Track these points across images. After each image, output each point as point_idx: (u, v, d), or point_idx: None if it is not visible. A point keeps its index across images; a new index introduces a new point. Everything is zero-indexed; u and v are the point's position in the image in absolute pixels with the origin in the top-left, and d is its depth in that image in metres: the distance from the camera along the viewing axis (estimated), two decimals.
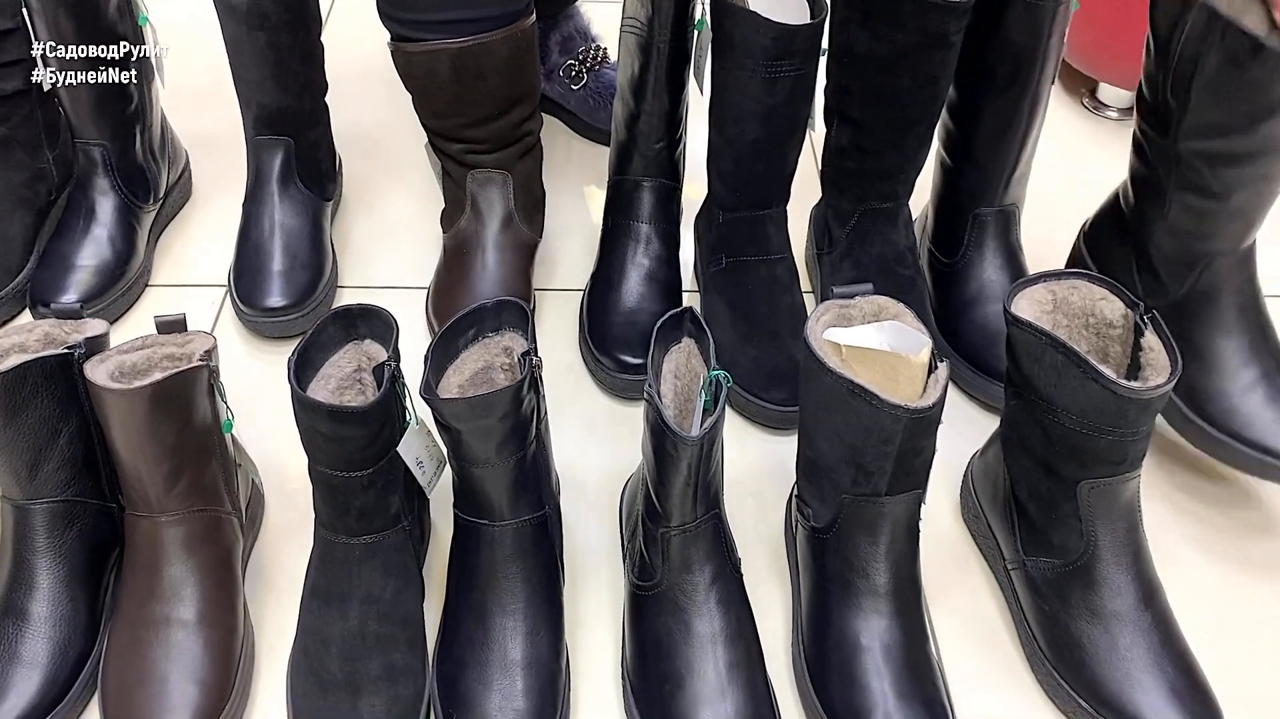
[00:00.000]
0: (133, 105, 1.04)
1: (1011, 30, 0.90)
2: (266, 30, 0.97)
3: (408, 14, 0.92)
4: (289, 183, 1.04)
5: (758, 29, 0.87)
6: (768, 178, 0.97)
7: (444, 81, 0.94)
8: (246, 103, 1.03)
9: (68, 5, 0.95)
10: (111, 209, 1.04)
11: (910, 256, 1.00)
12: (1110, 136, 1.34)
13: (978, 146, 0.96)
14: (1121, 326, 0.75)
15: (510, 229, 1.02)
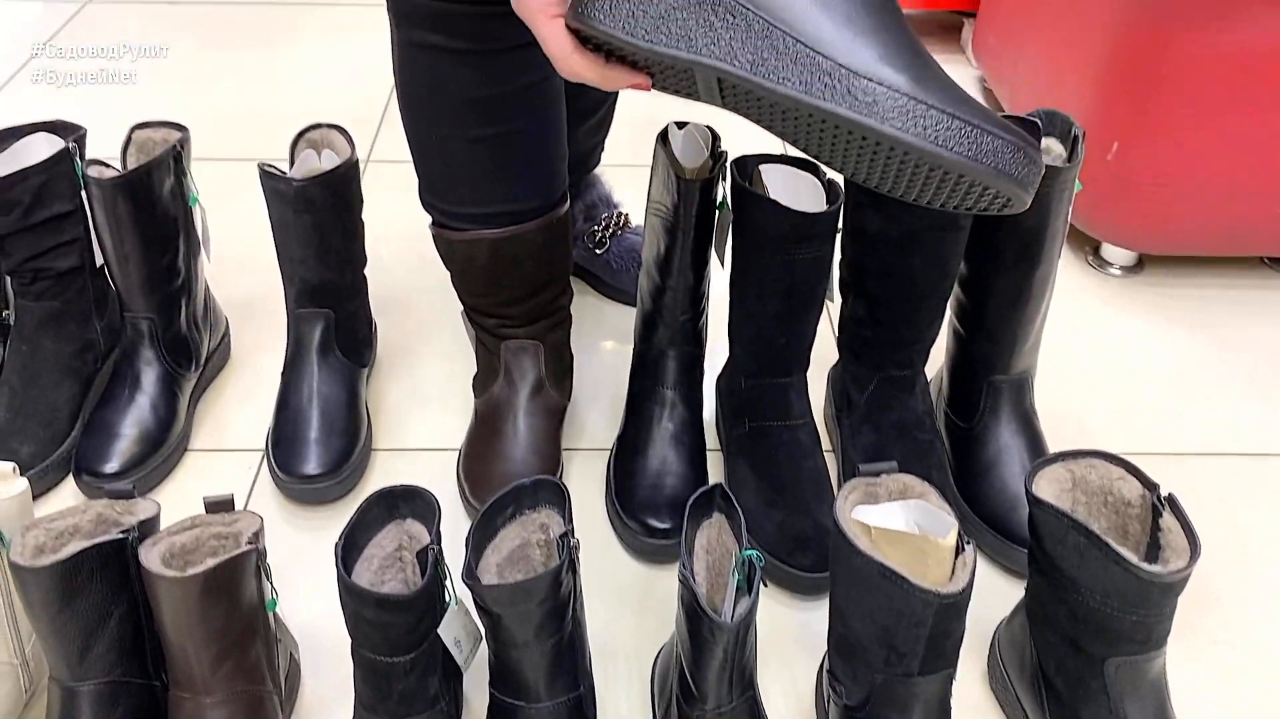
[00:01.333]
0: (180, 280, 1.09)
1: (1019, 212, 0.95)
2: (312, 213, 1.02)
3: (449, 206, 0.98)
4: (328, 352, 1.08)
5: (777, 216, 0.92)
6: (788, 348, 1.01)
7: (482, 266, 0.99)
8: (289, 278, 1.08)
9: (124, 189, 1.01)
10: (155, 378, 1.08)
11: (928, 421, 1.04)
12: (1114, 294, 1.39)
13: (990, 319, 1.00)
14: (1139, 506, 0.77)
15: (541, 395, 1.06)
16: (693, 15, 0.64)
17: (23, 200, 1.00)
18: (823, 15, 0.63)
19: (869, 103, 0.62)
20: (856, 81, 0.62)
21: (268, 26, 2.01)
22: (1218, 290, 1.39)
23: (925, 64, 0.64)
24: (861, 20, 0.63)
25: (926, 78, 0.63)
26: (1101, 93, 1.32)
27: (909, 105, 0.61)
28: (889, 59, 0.62)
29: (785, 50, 0.63)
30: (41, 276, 1.05)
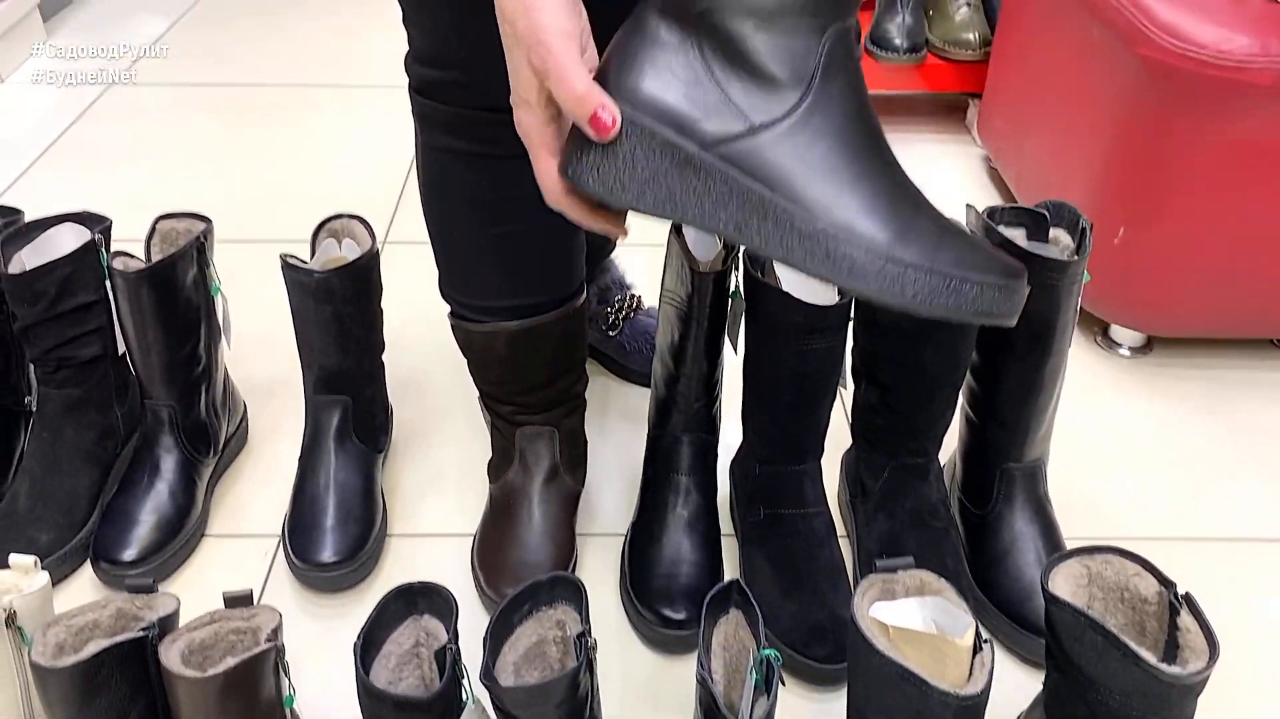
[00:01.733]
0: (200, 368, 1.10)
1: (1029, 303, 0.96)
2: (333, 303, 1.04)
3: (468, 299, 0.99)
4: (345, 439, 1.09)
5: (789, 308, 0.93)
6: (802, 436, 1.02)
7: (500, 356, 1.00)
8: (308, 365, 1.09)
9: (149, 281, 1.03)
10: (174, 465, 1.09)
11: (943, 509, 1.04)
12: (1123, 374, 1.39)
13: (1002, 408, 1.01)
14: (1156, 603, 0.77)
15: (555, 482, 1.07)
16: (677, 179, 0.65)
17: (49, 291, 1.02)
18: (804, 172, 0.64)
19: (848, 267, 0.63)
20: (836, 245, 0.63)
21: (288, 108, 2.05)
22: (1228, 372, 1.40)
23: (908, 208, 0.65)
24: (843, 171, 0.64)
25: (909, 227, 0.64)
26: (1107, 177, 1.34)
27: (889, 269, 0.62)
28: (870, 210, 0.63)
29: (767, 213, 0.64)
30: (65, 365, 1.06)
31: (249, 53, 2.29)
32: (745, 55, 0.63)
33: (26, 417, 1.13)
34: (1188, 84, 1.19)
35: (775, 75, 0.63)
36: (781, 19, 0.63)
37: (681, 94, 0.64)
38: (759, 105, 0.64)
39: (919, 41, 1.88)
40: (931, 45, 1.90)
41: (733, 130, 0.64)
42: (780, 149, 0.64)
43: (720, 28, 0.63)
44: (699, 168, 0.64)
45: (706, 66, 0.64)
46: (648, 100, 0.64)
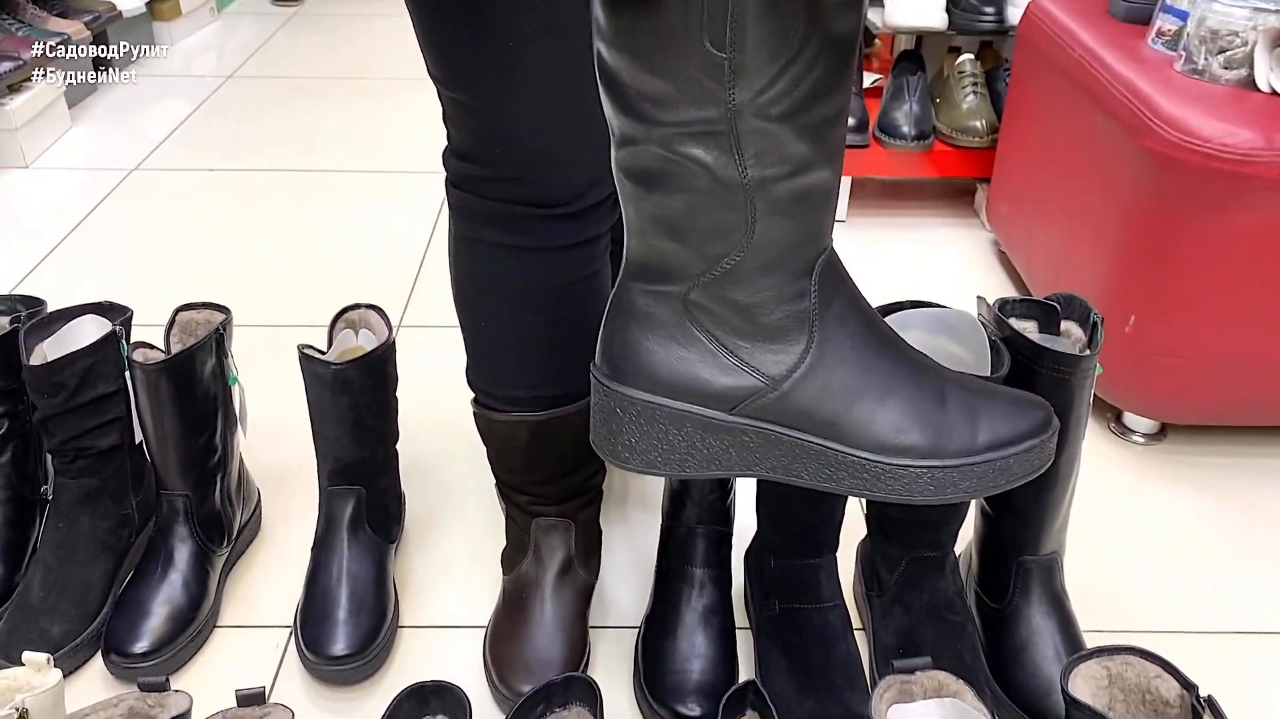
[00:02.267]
0: (216, 457, 1.11)
1: (1042, 397, 0.96)
2: (349, 394, 1.05)
3: (493, 388, 1.00)
4: (358, 529, 1.09)
5: None
6: (817, 529, 1.01)
7: (521, 446, 1.01)
8: (323, 455, 1.10)
9: (168, 373, 1.04)
10: (188, 555, 1.09)
11: (959, 602, 1.03)
12: (1138, 462, 1.39)
13: (1017, 500, 1.01)
14: (1178, 706, 0.76)
15: (569, 575, 1.06)
16: (714, 443, 0.67)
17: (70, 383, 1.03)
18: (832, 406, 0.65)
19: (900, 485, 0.65)
20: (881, 468, 0.65)
21: (306, 193, 2.09)
22: (1243, 459, 1.39)
23: (935, 397, 0.66)
24: (867, 390, 0.66)
25: (942, 423, 0.66)
26: (1116, 266, 1.35)
27: (938, 474, 0.65)
28: (904, 422, 0.65)
29: (809, 455, 0.66)
30: (83, 455, 1.07)
31: (268, 139, 2.34)
32: (745, 319, 0.65)
33: (42, 505, 1.13)
34: (1193, 177, 1.20)
35: (778, 328, 0.65)
36: (768, 277, 0.64)
37: (695, 367, 0.66)
38: (771, 360, 0.65)
39: (926, 129, 1.91)
40: (939, 132, 1.94)
41: (753, 389, 0.65)
42: (804, 393, 0.65)
43: (711, 303, 0.65)
44: (731, 430, 0.66)
45: (710, 334, 0.66)
46: (665, 382, 0.66)
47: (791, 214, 0.63)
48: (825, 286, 0.66)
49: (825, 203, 0.65)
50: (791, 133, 0.60)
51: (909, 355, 0.69)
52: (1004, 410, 0.68)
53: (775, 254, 0.64)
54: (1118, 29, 1.49)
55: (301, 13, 3.28)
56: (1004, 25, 1.91)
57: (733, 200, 0.62)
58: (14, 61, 2.12)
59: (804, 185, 0.63)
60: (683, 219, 0.63)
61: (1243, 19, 1.28)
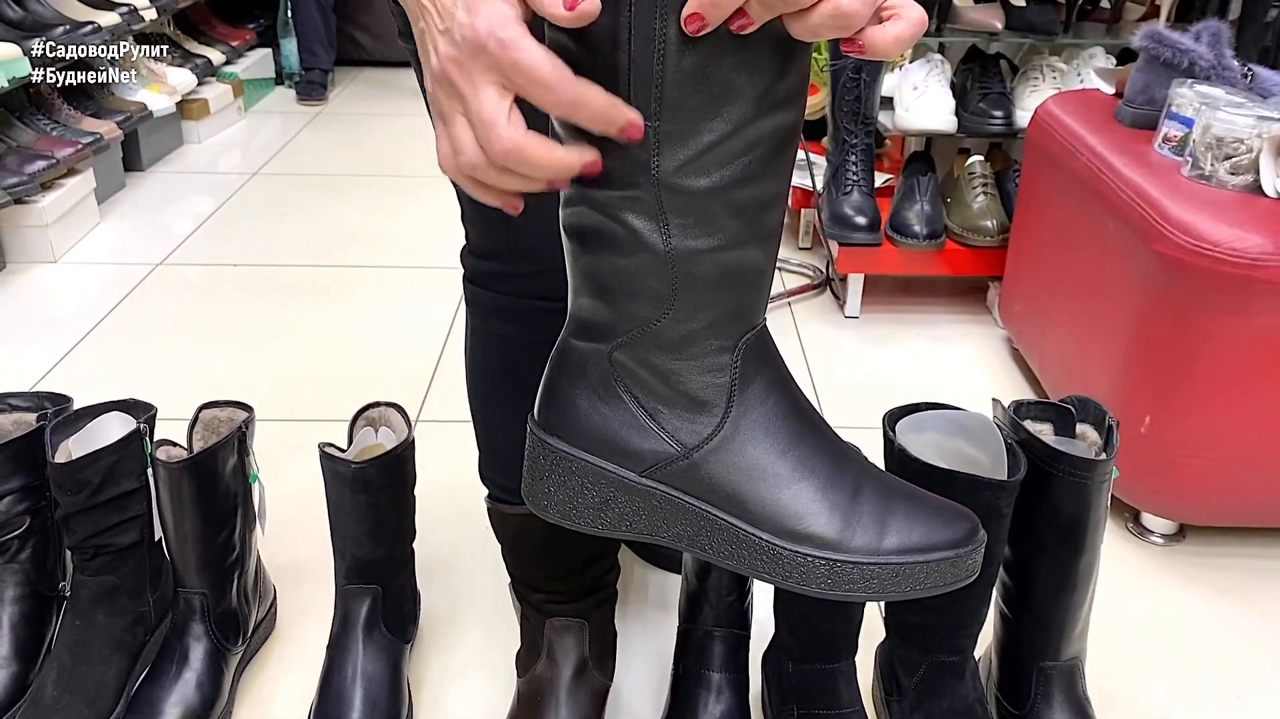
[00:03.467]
0: (234, 555, 1.11)
1: (1059, 501, 0.97)
2: (368, 493, 1.06)
3: (508, 481, 1.01)
4: (374, 629, 1.09)
5: None
6: (835, 633, 1.01)
7: (534, 542, 1.01)
8: (341, 553, 1.10)
9: (190, 471, 1.05)
10: (203, 654, 1.09)
11: (980, 709, 1.02)
12: (1157, 563, 1.38)
13: (1036, 604, 1.00)
14: None
15: (584, 677, 1.05)
16: (625, 503, 0.68)
17: (93, 481, 1.04)
18: (741, 482, 0.65)
19: (800, 573, 0.65)
20: (783, 552, 0.64)
21: (326, 287, 2.13)
22: (1263, 561, 1.38)
23: (848, 487, 0.66)
24: (778, 469, 0.65)
25: (851, 514, 0.65)
26: (1130, 367, 1.36)
27: (839, 568, 0.64)
28: (812, 505, 0.65)
29: (714, 528, 0.66)
30: (103, 552, 1.08)
31: (291, 234, 2.39)
32: (665, 383, 0.66)
33: (59, 602, 1.14)
34: (1204, 280, 1.22)
35: (696, 397, 0.66)
36: (690, 347, 0.65)
37: (614, 425, 0.67)
38: (687, 428, 0.66)
39: (938, 228, 1.94)
40: (950, 231, 1.97)
41: (667, 454, 0.66)
42: (714, 465, 0.66)
43: (633, 364, 0.66)
44: (642, 492, 0.67)
45: (631, 395, 0.67)
46: (585, 435, 0.68)
47: (716, 289, 0.63)
48: (749, 363, 0.66)
49: (755, 282, 0.65)
50: (720, 208, 0.61)
51: (831, 445, 0.68)
52: (922, 516, 0.66)
53: (698, 325, 0.64)
54: (1125, 134, 1.53)
55: (326, 111, 3.37)
56: (1012, 128, 1.96)
57: (657, 267, 0.62)
58: (47, 160, 2.19)
59: (731, 262, 0.63)
60: (611, 279, 0.64)
61: (1247, 127, 1.31)
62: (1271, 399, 1.26)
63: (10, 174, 2.11)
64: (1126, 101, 1.57)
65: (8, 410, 1.11)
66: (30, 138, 2.26)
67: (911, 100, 2.00)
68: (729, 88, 0.58)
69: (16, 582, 1.09)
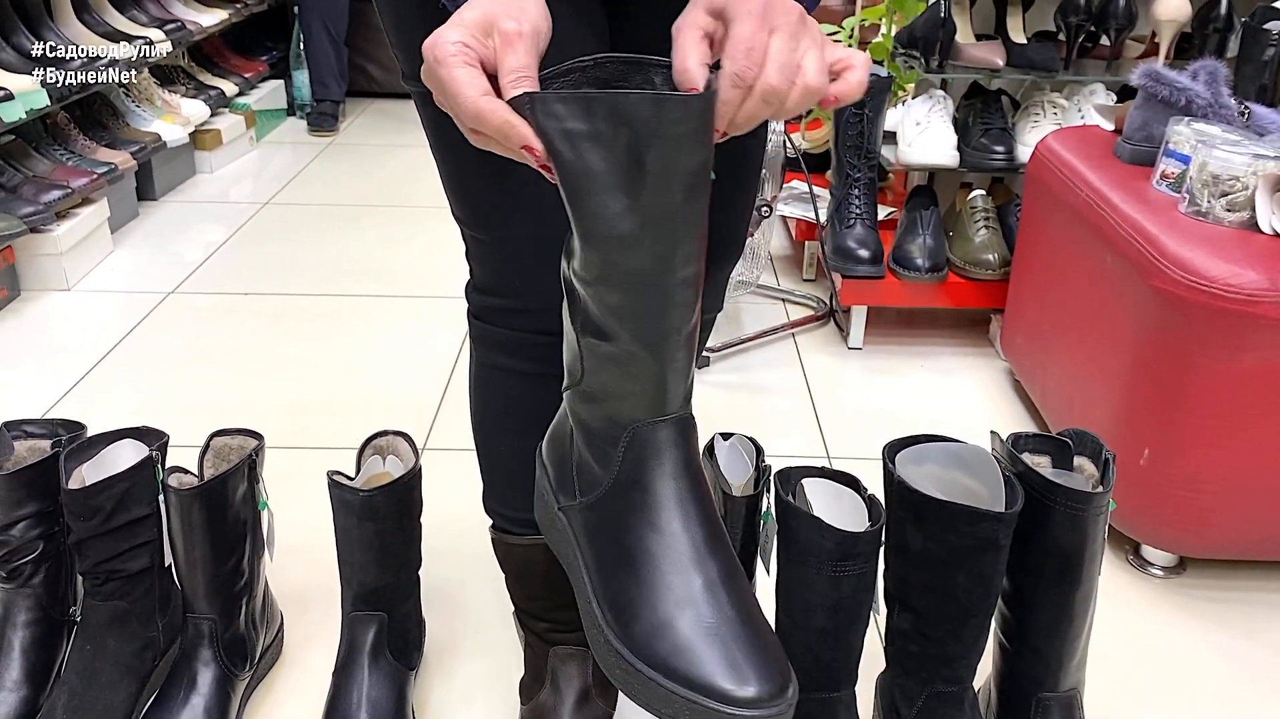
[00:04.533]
0: (243, 581, 1.13)
1: (1056, 533, 0.98)
2: (376, 521, 1.07)
3: (511, 511, 1.03)
4: (379, 656, 1.10)
5: (821, 533, 0.95)
6: (835, 663, 1.02)
7: (538, 571, 1.02)
8: (348, 580, 1.11)
9: (201, 498, 1.07)
10: (210, 679, 1.10)
11: None
12: (1157, 596, 1.39)
13: (1035, 635, 1.01)
14: None
15: (587, 705, 1.06)
16: (552, 527, 0.84)
17: (106, 507, 1.06)
18: (601, 552, 0.76)
19: (592, 635, 0.76)
20: (596, 635, 0.75)
21: (336, 316, 2.15)
22: (1263, 594, 1.39)
23: (680, 598, 0.71)
24: (624, 562, 0.74)
25: (664, 624, 0.70)
26: (1129, 399, 1.37)
27: (614, 649, 0.72)
28: (631, 606, 0.72)
29: (574, 569, 0.79)
30: (114, 577, 1.09)
31: (301, 263, 2.42)
32: (584, 446, 0.77)
33: (70, 627, 1.15)
34: (1201, 315, 1.24)
35: (594, 464, 0.77)
36: (591, 426, 0.76)
37: (557, 459, 0.82)
38: (588, 485, 0.77)
39: (940, 261, 1.96)
40: (952, 264, 1.99)
41: (566, 501, 0.80)
42: (590, 523, 0.76)
43: (576, 413, 0.78)
44: (556, 519, 0.82)
45: (572, 441, 0.79)
46: (547, 464, 0.84)
47: (604, 370, 0.74)
48: (640, 454, 0.74)
49: (629, 373, 0.72)
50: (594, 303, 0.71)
51: (715, 537, 0.74)
52: (721, 654, 0.69)
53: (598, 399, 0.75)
54: (1123, 170, 1.55)
55: (336, 142, 3.41)
56: (1013, 163, 1.98)
57: (572, 343, 0.76)
58: (63, 190, 2.22)
59: (609, 353, 0.72)
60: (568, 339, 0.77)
61: (1243, 164, 1.33)
62: (1269, 433, 1.27)
63: (26, 203, 2.14)
64: (1125, 138, 1.60)
65: (23, 437, 1.13)
66: (46, 168, 2.30)
67: (914, 135, 2.02)
68: None
69: (28, 606, 1.11)
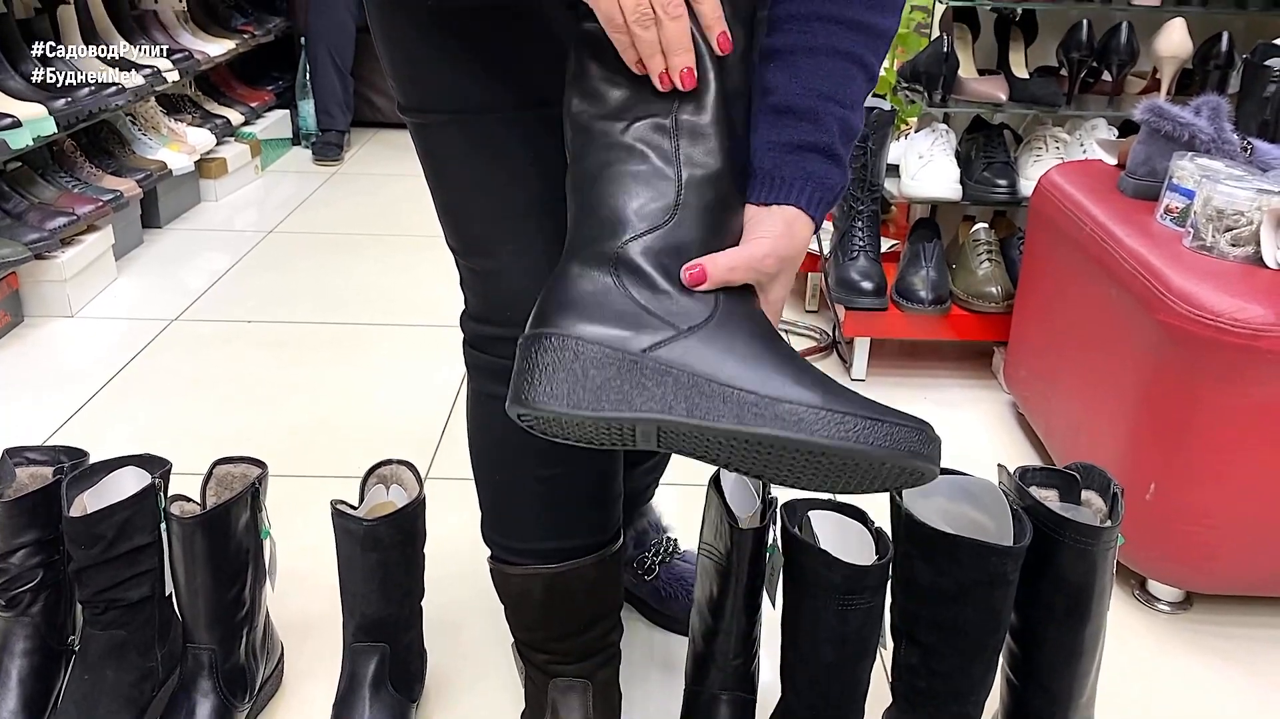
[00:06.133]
0: (244, 611, 1.12)
1: (1065, 568, 0.97)
2: (379, 551, 1.07)
3: (508, 541, 1.02)
4: (380, 688, 1.09)
5: (829, 567, 0.95)
6: (843, 697, 1.01)
7: (536, 600, 1.02)
8: (350, 610, 1.11)
9: (203, 527, 1.06)
10: (210, 710, 1.09)
11: None
12: (1165, 631, 1.37)
13: (1043, 672, 1.00)
14: None
15: None
16: (626, 381, 0.74)
17: (107, 535, 1.05)
18: (734, 363, 0.74)
19: (796, 421, 0.72)
20: (781, 406, 0.72)
21: (339, 344, 2.15)
22: (1272, 631, 1.37)
23: (828, 382, 0.75)
24: (766, 358, 0.75)
25: (833, 391, 0.74)
26: (1135, 433, 1.37)
27: (829, 416, 0.72)
28: (798, 382, 0.74)
29: (713, 393, 0.73)
30: (114, 606, 1.08)
31: (305, 292, 2.43)
32: (661, 278, 0.76)
33: (68, 656, 1.14)
34: (1207, 350, 1.24)
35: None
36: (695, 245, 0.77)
37: (614, 318, 0.76)
38: (682, 315, 0.76)
39: (943, 293, 1.96)
40: (955, 297, 1.99)
41: (664, 336, 0.75)
42: (710, 345, 0.75)
43: (634, 261, 0.76)
44: (643, 368, 0.74)
45: (628, 294, 0.76)
46: (586, 328, 0.76)
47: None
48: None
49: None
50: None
51: (802, 360, 0.77)
52: (889, 408, 0.75)
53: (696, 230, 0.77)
54: (1127, 204, 1.56)
55: (341, 171, 3.43)
56: (1016, 197, 1.99)
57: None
58: (68, 217, 2.23)
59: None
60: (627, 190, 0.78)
61: (1247, 199, 1.33)
62: (1276, 467, 1.26)
63: (31, 230, 2.15)
64: (1129, 173, 1.60)
65: (25, 464, 1.12)
66: (52, 194, 2.31)
67: (917, 168, 2.03)
68: None
69: (27, 635, 1.10)
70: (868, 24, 0.81)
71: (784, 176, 0.81)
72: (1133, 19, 2.02)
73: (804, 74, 0.81)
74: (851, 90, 0.82)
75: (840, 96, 0.81)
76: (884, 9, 0.82)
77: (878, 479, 0.78)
